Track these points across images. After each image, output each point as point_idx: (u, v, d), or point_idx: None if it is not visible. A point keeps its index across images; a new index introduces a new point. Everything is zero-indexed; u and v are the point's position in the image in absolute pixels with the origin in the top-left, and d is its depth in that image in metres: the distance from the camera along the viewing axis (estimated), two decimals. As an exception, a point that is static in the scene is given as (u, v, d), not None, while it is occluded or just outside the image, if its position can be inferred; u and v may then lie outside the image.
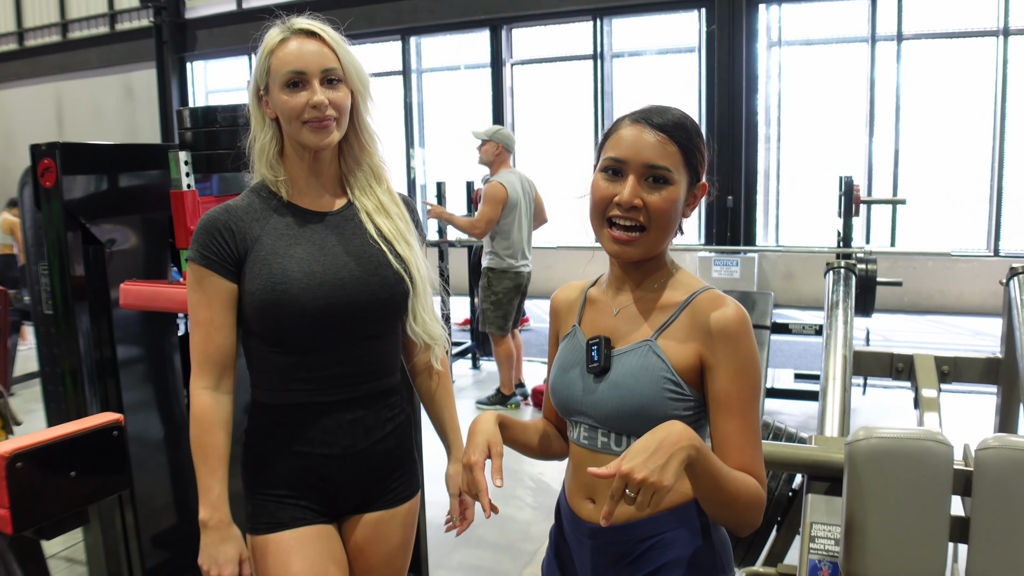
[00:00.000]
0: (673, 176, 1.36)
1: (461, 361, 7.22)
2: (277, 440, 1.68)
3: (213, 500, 1.61)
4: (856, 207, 5.34)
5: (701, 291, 1.41)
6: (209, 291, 1.61)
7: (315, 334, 1.63)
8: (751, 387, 1.35)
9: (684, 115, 1.41)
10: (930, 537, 1.67)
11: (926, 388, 2.67)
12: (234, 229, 1.62)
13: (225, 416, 1.64)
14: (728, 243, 9.69)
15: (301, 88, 1.59)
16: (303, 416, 1.66)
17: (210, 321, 1.62)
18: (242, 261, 1.62)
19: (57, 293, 2.57)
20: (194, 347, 1.64)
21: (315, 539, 1.68)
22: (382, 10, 11.43)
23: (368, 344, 1.69)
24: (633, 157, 1.36)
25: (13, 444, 1.88)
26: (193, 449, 1.64)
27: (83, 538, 2.88)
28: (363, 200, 1.72)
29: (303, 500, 1.68)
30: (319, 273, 1.62)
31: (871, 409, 5.49)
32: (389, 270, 1.68)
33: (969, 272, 9.32)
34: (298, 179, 1.69)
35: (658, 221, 1.36)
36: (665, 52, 10.66)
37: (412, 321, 1.72)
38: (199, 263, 1.62)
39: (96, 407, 2.61)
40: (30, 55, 14.83)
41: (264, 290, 1.59)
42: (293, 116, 1.59)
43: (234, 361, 1.67)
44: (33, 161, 2.49)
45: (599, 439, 1.44)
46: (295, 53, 1.59)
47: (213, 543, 1.61)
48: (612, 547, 1.44)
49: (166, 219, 2.67)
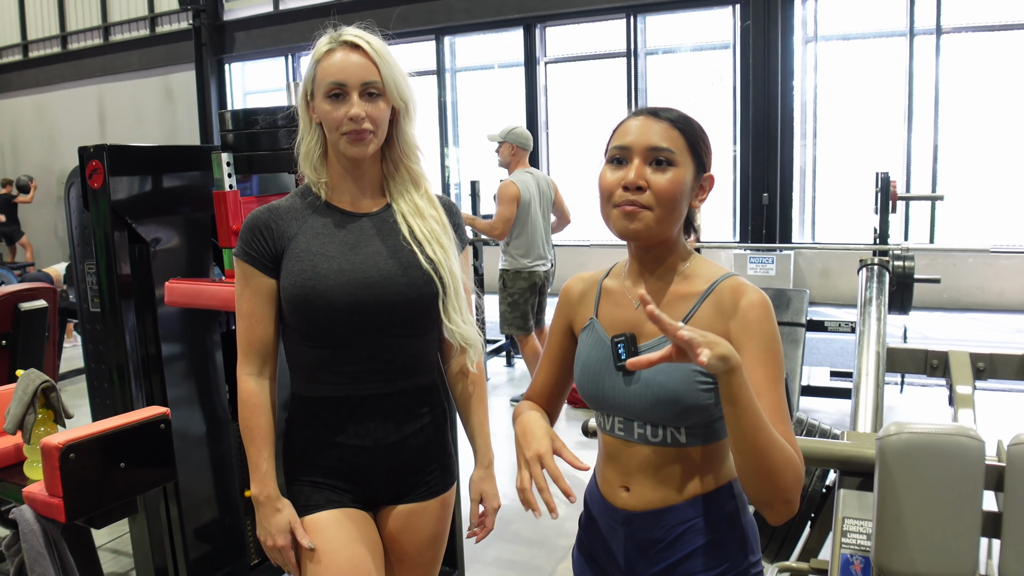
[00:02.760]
0: (677, 158, 1.38)
1: (496, 359, 7.26)
2: (313, 431, 1.75)
3: (261, 476, 1.71)
4: (893, 203, 5.28)
5: (723, 279, 1.43)
6: (251, 286, 1.71)
7: (345, 330, 1.69)
8: (777, 367, 1.37)
9: (686, 113, 1.44)
10: (962, 532, 1.68)
11: (960, 385, 2.66)
12: (273, 228, 1.71)
13: (268, 400, 1.75)
14: (764, 240, 9.62)
15: (342, 100, 1.64)
16: (337, 408, 1.73)
17: (251, 314, 1.72)
18: (280, 258, 1.70)
19: (104, 291, 2.64)
20: (239, 337, 1.75)
21: (350, 520, 1.74)
22: (416, 10, 11.50)
23: (400, 342, 1.74)
24: (637, 141, 1.39)
25: (66, 435, 1.95)
26: (242, 431, 1.74)
27: (129, 530, 2.95)
28: (400, 202, 1.77)
29: (338, 487, 1.75)
30: (348, 271, 1.68)
31: (908, 407, 5.44)
32: (419, 271, 1.72)
33: (1011, 268, 9.17)
34: (339, 182, 1.75)
35: (662, 201, 1.37)
36: (699, 49, 10.59)
37: (447, 322, 1.75)
38: (243, 259, 1.72)
39: (142, 402, 2.68)
40: (73, 58, 15.10)
41: (296, 286, 1.67)
42: (333, 127, 1.65)
43: (275, 350, 1.76)
44: (81, 163, 2.57)
45: (635, 431, 1.46)
46: (338, 65, 1.64)
47: (265, 516, 1.70)
48: (645, 533, 1.47)
49: (208, 218, 2.74)
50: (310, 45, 1.72)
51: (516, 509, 3.90)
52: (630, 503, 1.48)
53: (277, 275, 1.71)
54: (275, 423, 1.76)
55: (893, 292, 4.93)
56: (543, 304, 5.76)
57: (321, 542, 1.70)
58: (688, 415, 1.39)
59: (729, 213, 10.29)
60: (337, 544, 1.70)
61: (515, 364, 7.24)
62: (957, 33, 9.33)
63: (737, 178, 10.13)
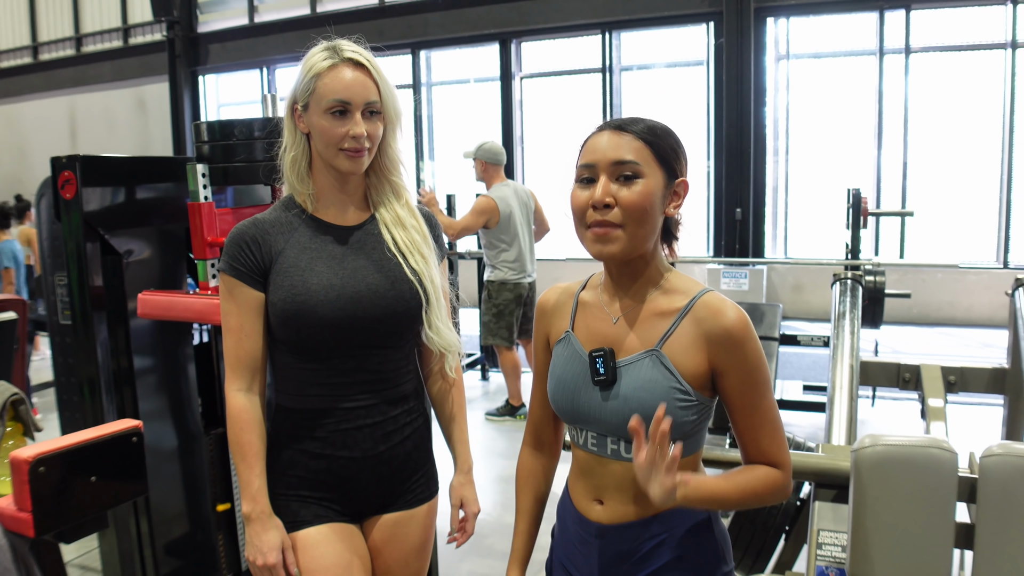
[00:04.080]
0: (642, 170, 1.37)
1: (470, 372, 7.25)
2: (299, 443, 1.75)
3: (253, 493, 1.69)
4: (864, 219, 5.35)
5: (700, 295, 1.43)
6: (239, 300, 1.70)
7: (334, 344, 1.70)
8: (762, 383, 1.40)
9: (655, 122, 1.43)
10: (935, 543, 1.70)
11: (932, 398, 2.69)
12: (260, 241, 1.71)
13: (259, 415, 1.73)
14: (737, 255, 9.69)
15: (344, 117, 1.65)
16: (324, 420, 1.73)
17: (240, 328, 1.71)
18: (268, 271, 1.70)
19: (76, 303, 2.61)
20: (227, 352, 1.73)
21: (339, 535, 1.74)
22: (393, 24, 11.52)
23: (385, 352, 1.76)
24: (601, 159, 1.39)
25: (36, 449, 1.92)
26: (232, 447, 1.72)
27: (98, 545, 2.91)
28: (383, 212, 1.80)
29: (325, 500, 1.75)
30: (337, 286, 1.69)
31: (880, 420, 5.49)
32: (405, 284, 1.74)
33: (978, 284, 9.32)
34: (325, 194, 1.76)
35: (632, 216, 1.37)
36: (674, 65, 10.70)
37: (428, 329, 1.78)
38: (229, 273, 1.71)
39: (113, 416, 2.65)
40: (44, 68, 14.97)
41: (285, 301, 1.67)
42: (332, 143, 1.66)
43: (264, 364, 1.75)
44: (53, 173, 2.54)
45: (608, 446, 1.47)
46: (344, 83, 1.65)
47: (256, 533, 1.68)
48: (619, 546, 1.47)
49: (182, 230, 2.71)
50: (286, 58, 1.72)
51: (491, 523, 3.89)
52: (604, 516, 1.49)
53: (265, 288, 1.70)
54: (265, 437, 1.75)
55: (865, 307, 4.99)
56: (529, 315, 5.79)
57: (311, 559, 1.70)
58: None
59: (703, 228, 10.37)
60: (327, 563, 1.70)
61: (490, 378, 7.23)
62: (925, 52, 9.49)
63: (711, 193, 10.22)
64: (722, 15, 9.68)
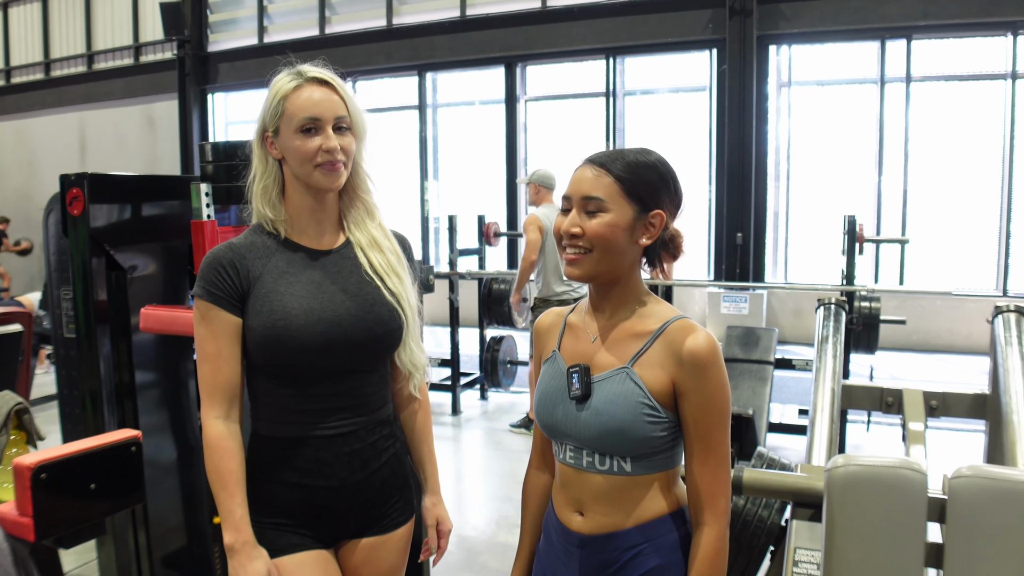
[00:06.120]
0: (606, 205, 1.49)
1: (469, 392, 7.30)
2: (277, 472, 1.73)
3: (236, 522, 1.64)
4: (860, 246, 5.42)
5: (673, 320, 1.52)
6: (215, 325, 1.68)
7: (313, 369, 1.70)
8: (718, 413, 1.48)
9: (640, 155, 1.53)
10: (906, 563, 1.74)
11: (913, 422, 2.74)
12: (238, 266, 1.69)
13: (238, 443, 1.69)
14: (737, 279, 9.75)
15: (315, 134, 1.67)
16: (301, 449, 1.71)
17: (218, 354, 1.68)
18: (245, 297, 1.69)
19: (80, 317, 2.67)
20: (203, 379, 1.70)
21: (314, 564, 1.73)
22: (400, 46, 11.64)
23: (363, 376, 1.76)
24: (574, 192, 1.53)
25: (39, 456, 1.98)
26: (210, 477, 1.68)
27: (96, 556, 2.95)
28: (358, 235, 1.80)
29: (301, 528, 1.73)
30: (317, 311, 1.69)
31: (873, 445, 5.52)
32: (384, 307, 1.75)
33: (977, 312, 9.33)
34: (299, 218, 1.76)
35: (596, 244, 1.50)
36: (677, 91, 10.81)
37: (401, 350, 1.80)
38: (204, 299, 1.68)
39: (114, 428, 2.70)
40: (56, 85, 15.10)
41: (265, 327, 1.66)
42: (306, 159, 1.67)
43: (241, 391, 1.73)
44: (62, 190, 2.61)
45: (584, 459, 1.54)
46: (311, 100, 1.68)
47: (241, 564, 1.64)
48: (599, 556, 1.54)
49: (186, 247, 2.79)
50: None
51: (485, 541, 3.93)
52: (584, 527, 1.56)
53: (242, 313, 1.69)
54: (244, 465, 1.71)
55: (859, 332, 5.05)
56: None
57: None
58: (634, 446, 1.48)
59: (704, 252, 10.43)
60: None
61: (488, 398, 7.29)
62: (926, 82, 9.59)
63: (712, 218, 10.29)
64: (725, 42, 9.79)
